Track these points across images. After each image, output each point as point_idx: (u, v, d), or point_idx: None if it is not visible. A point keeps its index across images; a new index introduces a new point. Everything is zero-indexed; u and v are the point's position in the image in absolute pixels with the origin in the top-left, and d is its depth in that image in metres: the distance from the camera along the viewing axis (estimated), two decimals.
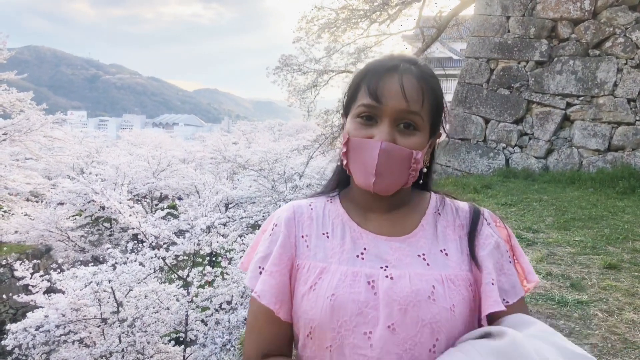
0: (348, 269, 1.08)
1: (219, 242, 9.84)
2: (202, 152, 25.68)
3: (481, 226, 1.14)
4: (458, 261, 1.10)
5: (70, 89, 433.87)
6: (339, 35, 16.00)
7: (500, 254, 1.12)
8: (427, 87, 1.11)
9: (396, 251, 1.10)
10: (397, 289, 1.04)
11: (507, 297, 1.09)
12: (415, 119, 1.08)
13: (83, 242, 16.17)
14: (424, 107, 1.09)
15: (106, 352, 8.01)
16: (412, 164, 1.09)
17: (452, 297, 1.05)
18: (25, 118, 13.21)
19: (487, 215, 1.18)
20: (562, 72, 9.50)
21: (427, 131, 1.12)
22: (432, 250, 1.11)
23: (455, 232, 1.15)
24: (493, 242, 1.12)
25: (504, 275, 1.10)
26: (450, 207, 1.20)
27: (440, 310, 1.02)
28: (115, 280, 8.03)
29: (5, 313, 12.86)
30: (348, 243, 1.13)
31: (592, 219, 6.16)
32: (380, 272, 1.07)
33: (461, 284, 1.07)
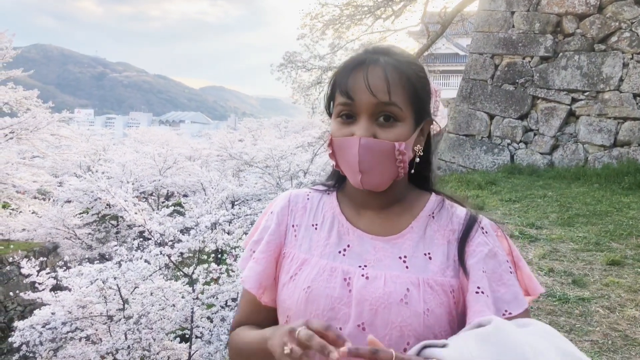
0: (327, 264, 1.10)
1: (224, 239, 9.85)
2: (208, 150, 25.72)
3: (474, 233, 1.10)
4: (442, 266, 1.07)
5: (77, 87, 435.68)
6: (343, 32, 16.00)
7: (498, 263, 1.06)
8: (398, 75, 1.06)
9: (378, 251, 1.10)
10: (370, 289, 1.04)
11: (509, 308, 1.02)
12: (392, 110, 1.05)
13: (90, 239, 16.25)
14: (399, 96, 1.05)
15: (112, 349, 8.05)
16: (397, 156, 1.06)
17: (428, 302, 1.02)
18: (32, 116, 13.26)
19: (486, 224, 1.13)
20: (567, 67, 9.45)
21: (410, 120, 1.08)
22: (415, 253, 1.09)
23: (444, 236, 1.11)
24: (486, 251, 1.07)
25: (504, 286, 1.04)
26: (447, 211, 1.15)
27: (412, 314, 1.01)
28: (121, 277, 8.06)
29: (13, 310, 12.94)
30: (334, 237, 1.15)
31: (596, 215, 6.13)
32: (358, 270, 1.07)
33: (440, 290, 1.04)
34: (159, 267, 9.10)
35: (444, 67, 32.84)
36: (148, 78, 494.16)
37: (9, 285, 12.73)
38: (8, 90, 13.66)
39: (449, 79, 34.84)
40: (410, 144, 1.09)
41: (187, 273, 9.50)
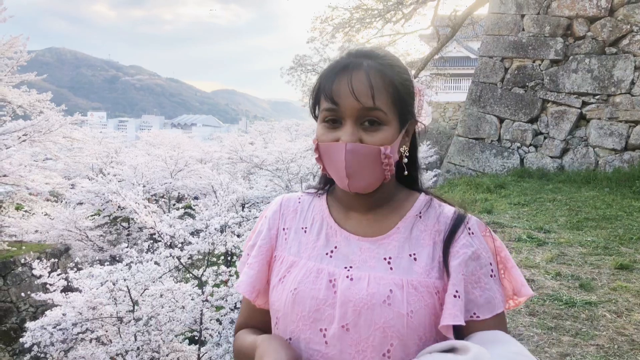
0: (314, 266, 1.12)
1: (234, 241, 9.89)
2: (219, 153, 25.78)
3: (460, 234, 1.08)
4: (426, 267, 1.06)
5: (90, 90, 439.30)
6: (353, 35, 16.01)
7: (480, 266, 1.06)
8: (381, 79, 1.07)
9: (364, 252, 1.11)
10: (354, 290, 1.05)
11: (478, 312, 1.04)
12: (377, 114, 1.06)
13: (101, 241, 16.37)
14: (382, 101, 1.06)
15: (122, 350, 8.10)
16: (383, 160, 1.07)
17: (411, 304, 1.02)
18: (45, 119, 13.37)
19: (473, 223, 1.11)
20: (577, 70, 9.40)
21: (394, 123, 1.09)
22: (400, 254, 1.08)
23: (431, 237, 1.10)
24: (469, 253, 1.06)
25: (479, 289, 1.05)
26: (434, 210, 1.14)
27: (395, 315, 1.01)
28: (131, 279, 8.12)
29: (25, 311, 13.08)
30: (322, 239, 1.16)
31: (606, 219, 6.09)
32: (343, 271, 1.09)
33: (425, 291, 1.04)
34: (168, 269, 9.16)
35: (455, 71, 32.71)
36: (160, 81, 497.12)
37: (21, 286, 12.87)
38: (22, 94, 13.80)
39: (459, 82, 34.71)
40: (396, 146, 1.10)
41: (196, 275, 9.55)
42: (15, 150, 13.43)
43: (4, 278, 12.85)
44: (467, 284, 1.04)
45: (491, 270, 1.07)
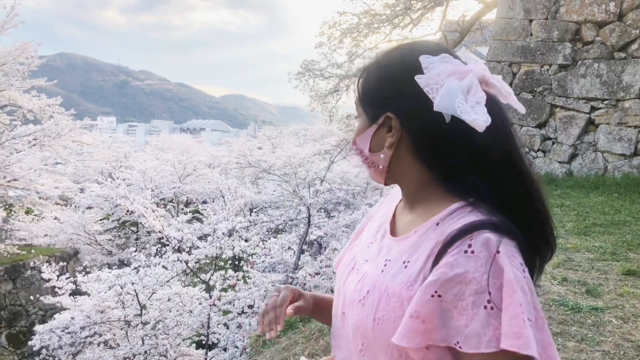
0: (353, 252, 1.21)
1: (241, 246, 9.92)
2: (227, 157, 25.86)
3: (453, 250, 0.91)
4: (410, 279, 0.97)
5: (100, 94, 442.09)
6: (361, 40, 16.02)
7: (469, 292, 0.87)
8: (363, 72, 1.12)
9: (382, 249, 1.10)
10: (350, 282, 1.11)
11: (462, 342, 0.88)
12: (356, 107, 1.12)
13: (110, 245, 16.46)
14: (359, 93, 1.10)
15: (130, 354, 8.14)
16: (356, 152, 1.12)
17: (380, 311, 0.97)
18: (55, 123, 13.50)
19: (478, 242, 0.90)
20: (586, 75, 9.37)
21: (363, 115, 1.11)
22: (398, 259, 1.02)
23: (430, 248, 0.97)
24: (451, 274, 0.89)
25: (466, 317, 0.87)
26: (454, 220, 0.97)
27: (364, 317, 1.00)
28: (139, 283, 8.17)
29: (34, 314, 13.17)
30: (375, 230, 1.20)
31: (614, 225, 6.06)
32: (361, 263, 1.13)
33: (396, 302, 0.96)
34: (176, 273, 9.21)
35: None
36: (169, 86, 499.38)
37: (30, 290, 12.96)
38: (32, 98, 13.94)
39: None
40: (365, 139, 1.08)
41: (204, 279, 9.58)
42: (25, 154, 13.56)
43: (14, 281, 12.96)
44: (449, 307, 0.89)
45: (487, 300, 0.87)
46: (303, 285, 9.74)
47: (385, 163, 1.07)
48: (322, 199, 12.17)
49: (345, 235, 11.66)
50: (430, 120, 0.98)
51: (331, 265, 9.96)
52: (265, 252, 10.91)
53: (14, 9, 12.68)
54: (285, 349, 3.63)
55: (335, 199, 14.13)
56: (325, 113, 16.31)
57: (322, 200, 12.31)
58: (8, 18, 12.71)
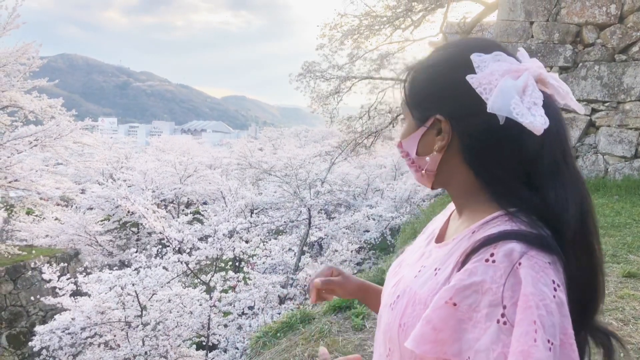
0: (403, 257, 1.19)
1: (242, 247, 9.93)
2: (228, 158, 25.92)
3: (474, 258, 0.86)
4: (437, 287, 0.92)
5: (101, 95, 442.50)
6: (362, 42, 16.02)
7: (484, 303, 0.81)
8: (410, 72, 1.06)
9: (422, 255, 1.09)
10: (388, 286, 1.11)
11: (472, 357, 0.82)
12: (403, 109, 1.07)
13: (111, 246, 16.49)
14: (405, 95, 1.05)
15: (130, 355, 8.15)
16: (401, 155, 1.07)
17: (406, 316, 0.95)
18: (56, 124, 13.52)
19: (502, 251, 0.83)
20: (587, 77, 9.37)
21: (410, 117, 1.04)
22: (431, 266, 0.99)
23: (459, 256, 0.92)
24: (466, 282, 0.84)
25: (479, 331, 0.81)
26: (486, 229, 0.92)
27: (392, 321, 0.99)
28: (139, 284, 8.18)
29: (35, 315, 13.17)
30: (426, 237, 1.18)
31: (614, 227, 6.06)
32: (402, 267, 1.13)
33: (421, 309, 0.92)
34: (177, 274, 9.21)
35: None
36: (171, 87, 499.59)
37: (31, 290, 12.96)
38: (33, 99, 13.96)
39: None
40: (412, 142, 1.03)
41: (204, 280, 9.59)
42: (26, 155, 13.58)
43: (15, 282, 12.95)
44: (464, 318, 0.84)
45: (501, 314, 0.80)
46: (303, 287, 9.74)
47: (434, 167, 1.01)
48: (322, 201, 12.18)
49: (346, 236, 11.67)
50: (483, 123, 0.92)
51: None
52: (265, 253, 10.93)
53: (15, 10, 12.70)
54: (285, 350, 3.63)
55: (336, 200, 14.15)
56: (326, 114, 16.30)
57: (323, 201, 12.33)
58: (10, 19, 12.74)
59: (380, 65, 16.14)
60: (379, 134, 16.32)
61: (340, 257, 10.20)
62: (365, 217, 11.89)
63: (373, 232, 12.92)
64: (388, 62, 16.28)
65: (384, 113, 16.19)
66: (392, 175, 17.59)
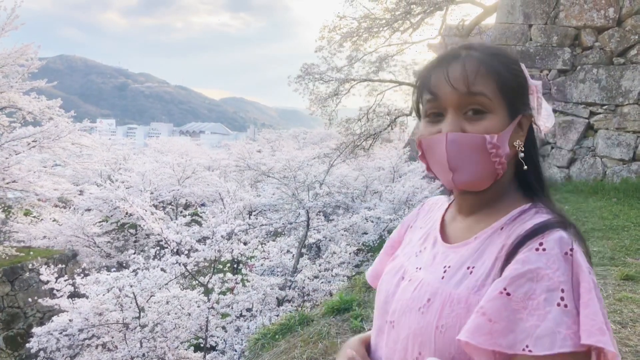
0: (400, 261, 1.18)
1: (240, 249, 9.91)
2: (227, 160, 25.88)
3: (524, 249, 0.91)
4: (477, 283, 0.96)
5: (100, 97, 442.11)
6: (361, 44, 16.06)
7: (541, 289, 0.86)
8: (481, 65, 1.01)
9: (437, 257, 1.09)
10: (405, 290, 1.08)
11: (531, 345, 0.84)
12: (479, 100, 0.99)
13: (109, 247, 16.43)
14: (483, 86, 0.99)
15: (128, 357, 8.12)
16: (490, 150, 0.98)
17: (445, 317, 0.96)
18: (54, 125, 13.50)
19: (551, 240, 0.90)
20: (585, 80, 9.39)
21: (502, 111, 1.01)
22: (459, 266, 1.02)
23: (497, 251, 0.98)
24: (522, 270, 0.88)
25: (536, 317, 0.85)
26: (520, 223, 0.99)
27: (425, 324, 0.98)
28: (137, 285, 8.15)
29: (32, 317, 13.13)
30: (422, 239, 1.19)
31: (612, 230, 6.07)
32: (412, 271, 1.12)
33: (464, 308, 0.94)
34: (175, 276, 9.18)
35: None
36: (169, 89, 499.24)
37: (28, 292, 12.93)
38: (32, 100, 13.94)
39: None
40: (505, 137, 1.01)
41: (202, 282, 9.57)
42: (24, 156, 13.54)
43: (12, 283, 12.92)
44: (519, 307, 0.87)
45: (560, 298, 0.85)
46: (302, 289, 9.74)
47: (508, 160, 1.04)
48: (321, 203, 12.18)
49: (345, 238, 11.66)
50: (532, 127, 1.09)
51: (330, 269, 9.95)
52: (264, 255, 10.90)
53: (14, 11, 12.69)
54: (284, 352, 3.63)
55: (334, 202, 14.13)
56: (325, 116, 16.33)
57: (321, 203, 12.32)
58: (9, 20, 12.72)
59: (379, 68, 16.17)
60: (377, 136, 16.36)
61: (338, 259, 10.18)
62: (363, 219, 11.88)
63: (371, 234, 12.90)
64: (387, 65, 16.32)
65: (382, 115, 16.22)
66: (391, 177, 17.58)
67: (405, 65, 17.12)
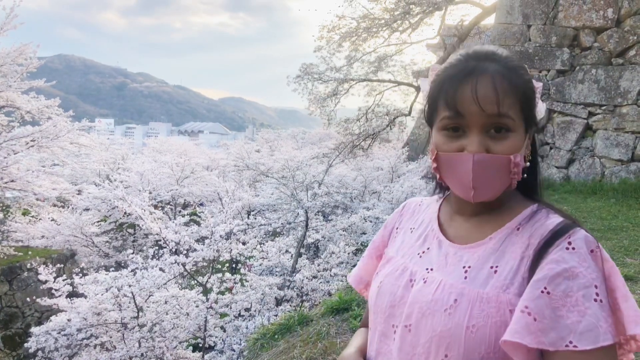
0: (403, 263, 1.15)
1: (239, 249, 9.92)
2: (225, 160, 25.89)
3: (554, 249, 0.95)
4: (505, 282, 0.98)
5: (98, 96, 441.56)
6: (360, 44, 16.07)
7: (577, 286, 0.90)
8: (508, 84, 1.01)
9: (449, 257, 1.08)
10: (423, 292, 1.05)
11: (576, 340, 0.88)
12: (505, 122, 1.01)
13: (107, 247, 16.43)
14: (509, 107, 1.01)
15: (126, 357, 8.12)
16: (512, 169, 1.02)
17: (475, 317, 0.96)
18: (53, 125, 13.48)
19: (577, 239, 0.95)
20: (584, 81, 9.40)
21: (521, 129, 1.03)
22: (481, 265, 1.03)
23: (520, 250, 1.01)
24: (558, 270, 0.92)
25: (578, 313, 0.89)
26: (537, 223, 1.04)
27: (454, 326, 0.97)
28: (136, 285, 8.15)
29: (30, 316, 13.11)
30: (420, 240, 1.18)
31: (611, 230, 6.07)
32: (423, 273, 1.09)
33: (494, 307, 0.96)
34: (173, 276, 9.18)
35: None
36: (168, 88, 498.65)
37: (27, 291, 12.91)
38: (30, 99, 13.91)
39: None
40: (523, 153, 1.05)
41: (201, 282, 9.57)
42: (23, 155, 13.51)
43: (10, 283, 12.90)
44: (558, 305, 0.91)
45: (596, 293, 0.90)
46: (300, 289, 9.74)
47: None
48: (320, 203, 12.19)
49: (343, 238, 11.66)
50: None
51: (329, 269, 9.94)
52: (262, 255, 10.91)
53: (13, 11, 12.66)
54: (283, 352, 3.63)
55: (333, 202, 14.15)
56: (324, 116, 16.33)
57: (320, 203, 12.33)
58: (7, 19, 12.69)
59: (378, 68, 16.19)
60: (376, 136, 16.36)
61: (337, 259, 10.19)
62: (362, 219, 11.89)
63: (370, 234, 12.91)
64: (386, 65, 16.34)
65: (381, 115, 16.22)
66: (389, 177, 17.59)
67: (404, 65, 17.15)
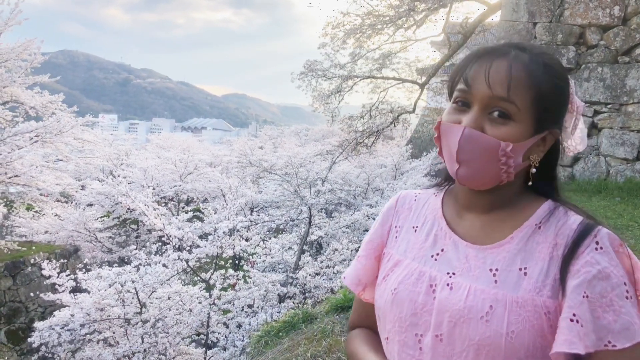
0: (417, 267, 1.09)
1: (242, 245, 9.91)
2: (228, 156, 25.89)
3: (584, 249, 0.94)
4: (537, 284, 0.96)
5: (102, 92, 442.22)
6: (364, 41, 16.01)
7: (611, 286, 0.91)
8: (524, 72, 0.99)
9: (470, 260, 1.04)
10: (452, 299, 1.00)
11: (614, 340, 0.89)
12: (508, 107, 0.98)
13: (110, 243, 16.46)
14: (518, 95, 0.98)
15: (129, 352, 8.13)
16: (500, 157, 0.98)
17: (514, 323, 0.93)
18: (56, 120, 13.51)
19: (603, 237, 0.95)
20: (589, 79, 9.35)
21: (526, 123, 1.00)
22: (509, 267, 0.99)
23: (548, 250, 0.98)
24: (594, 272, 0.91)
25: (613, 313, 0.89)
26: (558, 220, 1.01)
27: (492, 333, 0.94)
28: (139, 281, 8.16)
29: (34, 311, 13.16)
30: (430, 240, 1.12)
31: (616, 229, 6.03)
32: (445, 277, 1.03)
33: (531, 310, 0.94)
34: (176, 272, 9.18)
35: None
36: (171, 85, 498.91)
37: (30, 286, 12.95)
38: (34, 95, 13.95)
39: None
40: (522, 149, 1.01)
41: (204, 278, 9.57)
42: (27, 151, 13.56)
43: (14, 278, 12.95)
44: (595, 307, 0.91)
45: (626, 291, 0.91)
46: (303, 286, 9.74)
47: (518, 170, 1.04)
48: (323, 200, 12.17)
49: (346, 235, 11.65)
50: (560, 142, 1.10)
51: (332, 266, 9.94)
52: (265, 251, 10.91)
53: (17, 6, 12.68)
54: (288, 349, 3.62)
55: (337, 199, 14.13)
56: (328, 113, 16.28)
57: (324, 200, 12.31)
58: (12, 15, 12.72)
59: (382, 65, 16.11)
60: (380, 133, 16.31)
61: (340, 256, 10.18)
62: (365, 216, 11.86)
63: None
64: (390, 62, 16.26)
65: (385, 112, 16.17)
66: (393, 175, 17.58)
67: (409, 63, 17.07)
